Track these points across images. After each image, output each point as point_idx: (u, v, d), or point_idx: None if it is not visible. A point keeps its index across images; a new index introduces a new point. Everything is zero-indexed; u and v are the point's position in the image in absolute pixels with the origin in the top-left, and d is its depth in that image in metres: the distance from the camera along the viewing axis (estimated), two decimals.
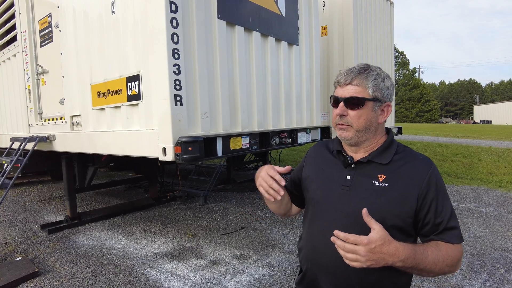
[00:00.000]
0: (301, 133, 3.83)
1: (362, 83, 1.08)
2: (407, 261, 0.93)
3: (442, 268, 0.99)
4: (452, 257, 1.01)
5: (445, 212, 1.05)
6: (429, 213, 1.05)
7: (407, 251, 0.93)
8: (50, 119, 4.25)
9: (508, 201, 5.58)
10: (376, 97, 1.09)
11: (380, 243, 0.90)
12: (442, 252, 1.00)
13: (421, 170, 1.07)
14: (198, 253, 3.67)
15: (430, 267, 0.97)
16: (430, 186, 1.05)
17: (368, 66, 1.11)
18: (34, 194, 6.81)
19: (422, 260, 0.96)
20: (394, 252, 0.91)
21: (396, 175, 1.07)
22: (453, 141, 14.12)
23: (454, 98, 76.58)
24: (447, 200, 1.07)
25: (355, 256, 0.90)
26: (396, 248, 0.92)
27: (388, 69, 7.09)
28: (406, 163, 1.09)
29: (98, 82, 3.30)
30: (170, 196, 5.93)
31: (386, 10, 6.87)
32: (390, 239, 0.92)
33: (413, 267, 0.96)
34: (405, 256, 0.93)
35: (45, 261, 3.52)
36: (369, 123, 1.10)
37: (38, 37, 4.31)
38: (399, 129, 7.30)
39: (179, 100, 2.55)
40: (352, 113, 1.08)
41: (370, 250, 0.89)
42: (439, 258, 0.99)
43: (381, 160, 1.10)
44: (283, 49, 3.82)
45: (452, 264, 1.01)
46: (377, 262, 0.91)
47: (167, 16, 2.48)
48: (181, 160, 2.43)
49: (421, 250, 0.98)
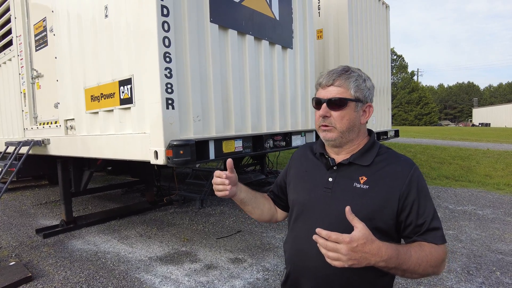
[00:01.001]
0: (296, 136, 3.82)
1: (344, 84, 1.09)
2: (390, 261, 0.92)
3: (426, 268, 0.98)
4: (436, 258, 0.99)
5: (427, 213, 1.04)
6: (411, 214, 1.04)
7: (390, 251, 0.92)
8: (45, 123, 4.25)
9: (505, 203, 5.57)
10: (358, 97, 1.10)
11: (363, 241, 0.88)
12: (426, 253, 0.98)
13: (402, 171, 1.07)
14: (193, 257, 3.65)
15: (413, 268, 0.96)
16: (411, 187, 1.05)
17: (349, 68, 1.12)
18: (30, 198, 6.79)
19: (405, 260, 0.94)
20: (376, 252, 0.89)
21: (377, 177, 1.07)
22: (451, 143, 14.12)
23: (453, 101, 76.74)
24: (429, 201, 1.06)
25: (336, 255, 0.87)
26: (379, 247, 0.90)
27: (385, 71, 7.10)
28: (388, 165, 1.09)
29: (91, 86, 3.30)
30: (167, 200, 5.91)
31: (381, 13, 6.90)
32: (373, 238, 0.90)
33: (396, 267, 0.94)
34: (388, 256, 0.91)
35: (39, 266, 3.50)
36: (352, 124, 1.10)
37: (33, 41, 4.32)
38: (396, 132, 7.31)
39: (170, 104, 2.55)
40: (335, 114, 1.09)
41: (352, 249, 0.87)
42: (423, 259, 0.97)
43: (362, 161, 1.10)
44: (277, 53, 3.82)
45: (435, 265, 0.99)
46: (359, 261, 0.88)
47: (158, 20, 2.48)
48: (172, 163, 2.42)
49: (404, 250, 0.96)
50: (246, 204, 1.29)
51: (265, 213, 1.34)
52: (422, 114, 50.71)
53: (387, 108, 7.25)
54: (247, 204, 1.29)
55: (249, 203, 1.29)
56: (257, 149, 3.30)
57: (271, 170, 8.28)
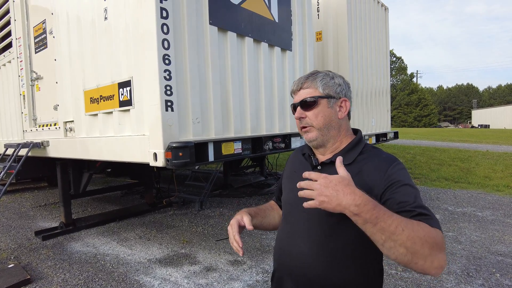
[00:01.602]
0: (295, 138, 3.82)
1: (311, 84, 1.14)
2: (364, 209, 0.82)
3: (413, 239, 0.81)
4: (427, 232, 0.84)
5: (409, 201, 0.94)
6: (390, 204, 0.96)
7: (366, 198, 0.84)
8: (44, 125, 4.25)
9: (505, 205, 5.57)
10: (328, 94, 1.13)
11: (337, 180, 0.86)
12: (413, 222, 0.85)
13: (381, 167, 1.04)
14: (192, 259, 3.65)
15: (394, 229, 0.82)
16: (390, 178, 1.00)
17: (316, 71, 1.19)
18: (30, 201, 6.78)
19: (383, 216, 0.83)
20: (349, 192, 0.84)
21: (357, 176, 1.05)
22: (450, 145, 14.13)
23: (452, 103, 76.84)
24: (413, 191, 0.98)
25: (310, 191, 0.87)
26: (353, 190, 0.85)
27: (384, 72, 7.12)
28: (368, 162, 1.08)
29: (90, 88, 3.30)
30: (166, 202, 5.90)
31: (381, 15, 6.92)
32: (350, 183, 0.86)
33: (372, 221, 0.83)
34: (362, 201, 0.83)
35: (38, 268, 3.49)
36: (329, 119, 1.13)
37: (32, 43, 4.32)
38: (395, 133, 7.31)
39: (170, 106, 2.55)
40: (309, 114, 1.13)
41: (325, 184, 0.85)
42: (408, 225, 0.83)
43: (344, 160, 1.09)
44: (276, 55, 3.83)
45: (426, 240, 0.83)
46: (330, 199, 0.84)
47: (157, 22, 2.49)
48: (171, 165, 2.42)
49: (385, 209, 0.86)
50: (259, 227, 1.31)
51: (278, 223, 1.35)
52: (421, 115, 50.77)
53: (387, 110, 7.26)
54: (260, 227, 1.31)
55: (261, 224, 1.31)
56: (257, 151, 3.30)
57: (270, 171, 8.28)
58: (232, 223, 1.15)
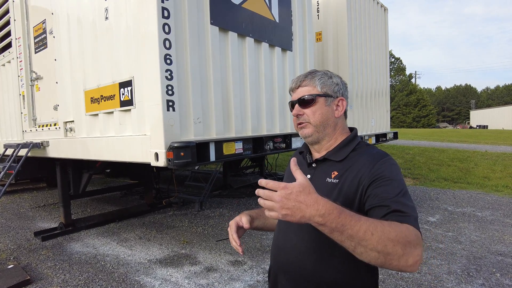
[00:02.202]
0: (296, 138, 3.82)
1: (310, 83, 1.16)
2: (328, 218, 0.79)
3: (384, 242, 0.79)
4: (398, 232, 0.82)
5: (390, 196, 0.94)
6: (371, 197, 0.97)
7: (329, 206, 0.80)
8: (44, 125, 4.24)
9: (504, 205, 5.58)
10: (326, 92, 1.15)
11: (298, 190, 0.80)
12: (383, 224, 0.83)
13: (369, 161, 1.04)
14: (193, 259, 3.64)
15: (363, 235, 0.79)
16: (376, 171, 1.00)
17: (315, 70, 1.21)
18: (28, 201, 6.76)
19: (350, 223, 0.80)
20: (312, 203, 0.79)
21: (347, 171, 1.07)
22: (449, 145, 14.16)
23: (450, 103, 77.06)
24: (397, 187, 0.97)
25: (271, 203, 0.81)
26: (316, 199, 0.80)
27: (383, 73, 7.13)
28: (358, 158, 1.08)
29: (91, 88, 3.29)
30: (166, 202, 5.90)
31: (380, 16, 6.94)
32: (311, 190, 0.82)
33: (338, 229, 0.80)
34: (326, 210, 0.79)
35: (38, 269, 3.47)
36: (326, 117, 1.14)
37: (32, 43, 4.31)
38: (394, 134, 7.32)
39: (171, 105, 2.55)
40: (307, 111, 1.15)
41: (286, 195, 0.79)
42: (377, 227, 0.81)
43: (336, 157, 1.13)
44: (277, 55, 3.83)
45: (398, 240, 0.80)
46: (293, 212, 0.79)
47: (159, 21, 2.48)
48: (173, 165, 2.42)
49: (352, 213, 0.83)
50: (262, 229, 1.33)
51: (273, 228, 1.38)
52: (420, 116, 50.85)
53: (386, 110, 7.27)
54: (264, 228, 1.33)
55: (265, 225, 1.33)
56: (258, 151, 3.30)
57: (270, 172, 8.28)
58: (230, 224, 1.20)
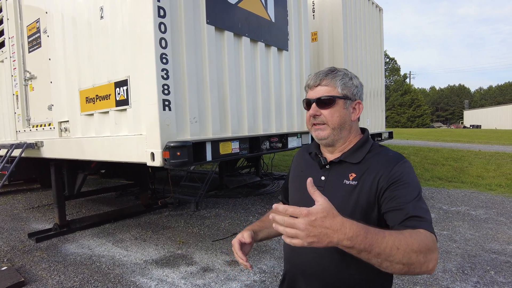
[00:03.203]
0: (292, 138, 3.83)
1: (331, 82, 1.12)
2: (356, 240, 0.79)
3: (408, 254, 0.82)
4: (419, 242, 0.84)
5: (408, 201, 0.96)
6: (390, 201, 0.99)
7: (356, 228, 0.79)
8: (38, 126, 4.20)
9: (497, 203, 5.64)
10: (345, 95, 1.12)
11: (322, 215, 0.77)
12: (405, 235, 0.85)
13: (387, 164, 1.05)
14: (189, 260, 3.63)
15: (390, 252, 0.81)
16: (394, 175, 1.01)
17: (335, 68, 1.16)
18: (22, 202, 6.68)
19: (376, 242, 0.80)
20: (339, 227, 0.78)
21: (365, 173, 1.07)
22: (444, 145, 14.28)
23: (444, 103, 77.72)
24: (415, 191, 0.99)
25: (294, 231, 0.77)
26: (342, 223, 0.78)
27: (378, 73, 7.17)
28: (375, 160, 1.09)
29: (86, 87, 3.27)
30: (161, 202, 5.87)
31: (375, 16, 6.98)
32: (335, 213, 0.80)
33: (367, 249, 0.80)
34: (353, 233, 0.78)
35: (32, 270, 3.44)
36: (343, 120, 1.12)
37: (26, 42, 4.27)
38: (390, 133, 7.36)
39: (167, 105, 2.54)
40: (325, 112, 1.11)
41: (311, 223, 0.76)
42: (401, 241, 0.82)
43: (352, 159, 1.12)
44: (273, 55, 3.83)
45: (420, 250, 0.83)
46: (320, 238, 0.77)
47: (155, 21, 2.47)
48: (169, 165, 2.41)
49: (376, 230, 0.83)
50: (268, 238, 1.31)
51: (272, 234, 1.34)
52: (414, 116, 51.20)
53: (381, 110, 7.31)
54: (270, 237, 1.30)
55: (270, 234, 1.29)
56: (254, 150, 3.30)
57: (265, 172, 8.28)
58: (233, 243, 1.16)
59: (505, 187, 6.88)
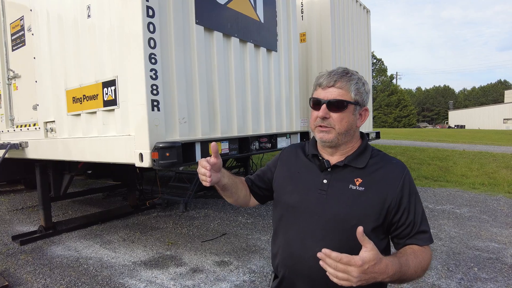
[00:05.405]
0: (281, 138, 3.85)
1: (345, 86, 1.08)
2: (395, 276, 0.94)
3: (419, 273, 1.02)
4: (426, 261, 1.05)
5: (417, 217, 1.08)
6: (403, 217, 1.07)
7: (395, 267, 0.94)
8: (23, 126, 4.11)
9: (480, 202, 5.79)
10: (357, 100, 1.10)
11: (373, 263, 0.87)
12: (420, 259, 1.03)
13: (396, 174, 1.10)
14: (178, 261, 3.61)
15: (411, 276, 1.00)
16: (404, 190, 1.08)
17: (349, 70, 1.13)
18: (5, 204, 6.51)
19: (406, 272, 0.98)
20: (384, 270, 0.90)
21: (372, 179, 1.09)
22: (429, 145, 14.57)
23: (430, 104, 79.26)
24: (420, 204, 1.10)
25: (346, 276, 0.85)
26: (386, 265, 0.91)
27: (366, 74, 7.27)
28: (381, 167, 1.12)
29: (73, 87, 3.22)
30: (150, 203, 5.81)
31: (363, 18, 7.07)
32: (381, 257, 0.90)
33: (399, 279, 0.98)
34: (393, 271, 0.93)
35: (16, 274, 3.36)
36: (350, 126, 1.11)
37: (9, 40, 4.17)
38: (377, 133, 7.47)
39: (156, 105, 2.52)
40: (334, 116, 1.08)
41: (364, 271, 0.85)
42: (418, 266, 1.01)
43: (357, 164, 1.12)
44: (262, 55, 3.85)
45: (426, 268, 1.04)
46: (368, 281, 0.88)
47: (143, 20, 2.45)
48: (158, 166, 2.39)
49: (405, 261, 0.98)
50: (226, 190, 1.25)
51: (240, 199, 1.33)
52: (401, 116, 52.07)
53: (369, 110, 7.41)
54: (227, 190, 1.25)
55: (230, 189, 1.25)
56: (244, 151, 3.30)
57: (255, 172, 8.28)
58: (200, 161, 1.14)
59: (488, 186, 7.06)
